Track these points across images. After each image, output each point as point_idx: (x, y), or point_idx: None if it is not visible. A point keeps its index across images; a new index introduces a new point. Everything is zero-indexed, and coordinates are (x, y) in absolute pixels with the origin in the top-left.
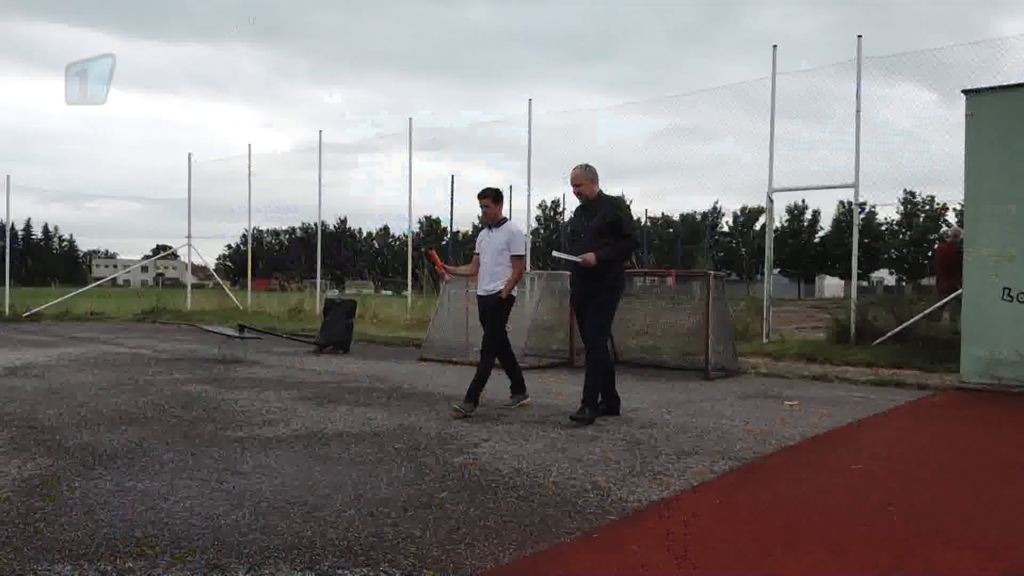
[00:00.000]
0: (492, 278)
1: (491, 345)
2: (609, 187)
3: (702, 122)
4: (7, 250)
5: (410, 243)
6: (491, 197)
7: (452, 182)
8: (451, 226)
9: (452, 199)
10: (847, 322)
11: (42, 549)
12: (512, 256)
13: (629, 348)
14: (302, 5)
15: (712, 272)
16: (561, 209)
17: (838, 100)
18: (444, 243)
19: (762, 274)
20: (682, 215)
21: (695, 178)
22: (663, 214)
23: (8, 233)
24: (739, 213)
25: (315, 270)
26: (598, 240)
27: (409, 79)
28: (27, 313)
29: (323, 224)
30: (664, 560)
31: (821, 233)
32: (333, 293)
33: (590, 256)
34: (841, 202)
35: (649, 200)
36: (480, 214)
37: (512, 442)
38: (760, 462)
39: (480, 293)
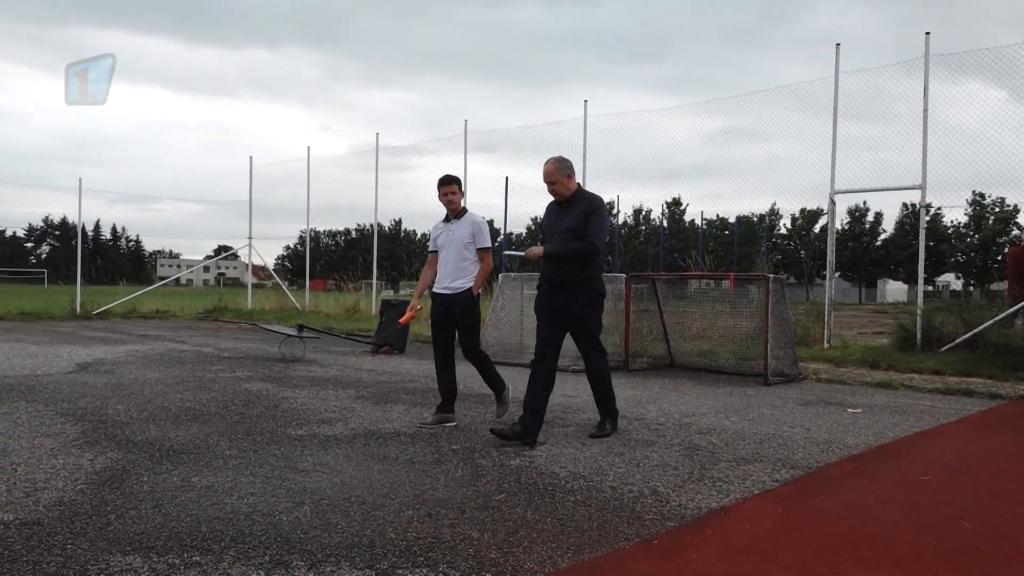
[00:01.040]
0: (457, 274)
1: (473, 344)
2: (664, 189)
3: (759, 123)
4: (79, 250)
5: None
6: (456, 184)
7: (506, 184)
8: (504, 227)
9: (506, 200)
10: (913, 328)
11: (114, 540)
12: (479, 249)
13: (685, 352)
14: (357, 10)
15: (772, 275)
16: (616, 211)
17: (902, 99)
18: (498, 244)
19: (822, 277)
20: (738, 217)
21: (751, 180)
22: (718, 216)
23: (80, 234)
24: (797, 215)
25: (371, 271)
26: (566, 240)
27: (462, 81)
28: (96, 311)
29: (379, 225)
30: (725, 569)
31: (883, 236)
32: (388, 294)
33: (537, 249)
34: (905, 204)
35: (704, 202)
36: (449, 206)
37: (569, 445)
38: (822, 471)
39: (439, 291)
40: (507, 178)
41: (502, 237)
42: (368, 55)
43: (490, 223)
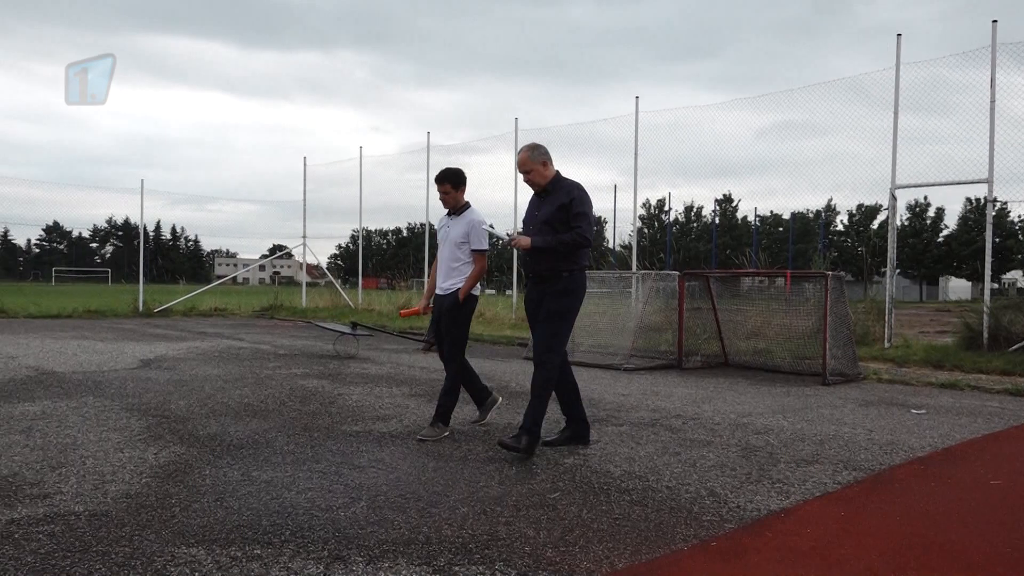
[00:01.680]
0: (449, 274)
1: (453, 354)
2: (715, 185)
3: (814, 117)
4: (141, 250)
5: None
6: (450, 182)
7: None
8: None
9: None
10: (979, 326)
11: (178, 532)
12: (473, 251)
13: (740, 351)
14: (407, 11)
15: (831, 272)
16: (667, 208)
17: (965, 90)
18: None
19: (881, 275)
20: (793, 213)
21: (806, 175)
22: (771, 212)
23: (142, 234)
24: (854, 211)
25: (422, 269)
26: (544, 231)
27: (512, 80)
28: (158, 309)
29: (429, 224)
30: (786, 573)
31: (945, 232)
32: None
33: (524, 239)
34: (968, 199)
35: (757, 198)
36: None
37: (623, 444)
38: (886, 473)
39: (437, 291)
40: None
41: None
42: (418, 56)
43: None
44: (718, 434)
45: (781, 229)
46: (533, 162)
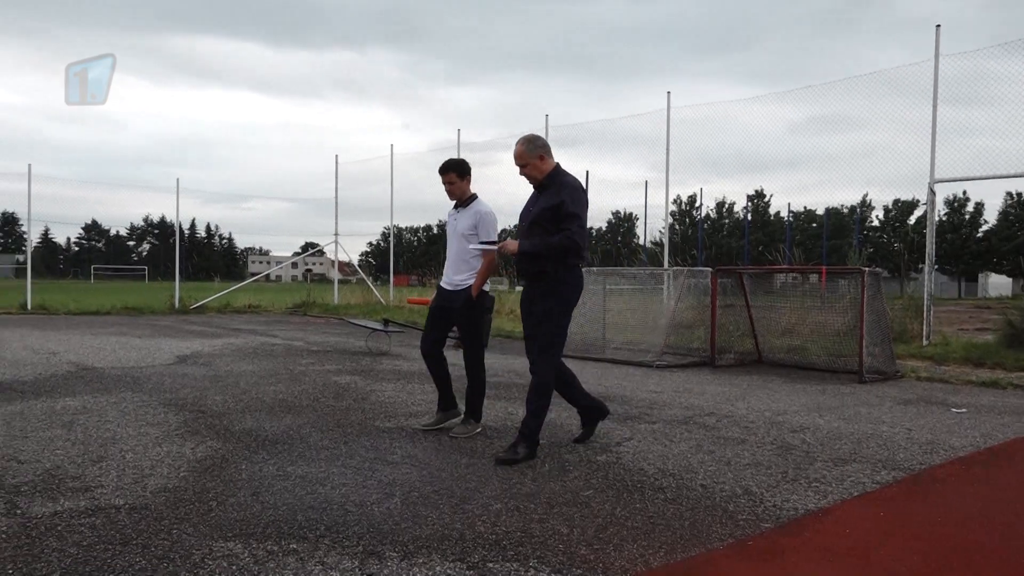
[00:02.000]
0: (458, 269)
1: (472, 359)
2: (747, 181)
3: (849, 111)
4: (177, 248)
5: None
6: (455, 171)
7: (587, 178)
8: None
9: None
10: (1021, 323)
11: (216, 526)
12: (483, 244)
13: (774, 348)
14: (438, 9)
15: (867, 268)
16: (698, 204)
17: (1007, 81)
18: None
19: (918, 271)
20: (827, 209)
21: (840, 170)
22: (805, 208)
23: (178, 232)
24: (890, 206)
25: None
26: (533, 231)
27: (542, 77)
28: (193, 306)
29: None
30: (826, 574)
31: (985, 227)
32: None
33: (511, 244)
34: (1009, 193)
35: (790, 194)
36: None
37: (656, 442)
38: (927, 473)
39: (442, 284)
40: (587, 172)
41: None
42: (448, 53)
43: None
44: (753, 432)
45: (815, 225)
46: (529, 156)
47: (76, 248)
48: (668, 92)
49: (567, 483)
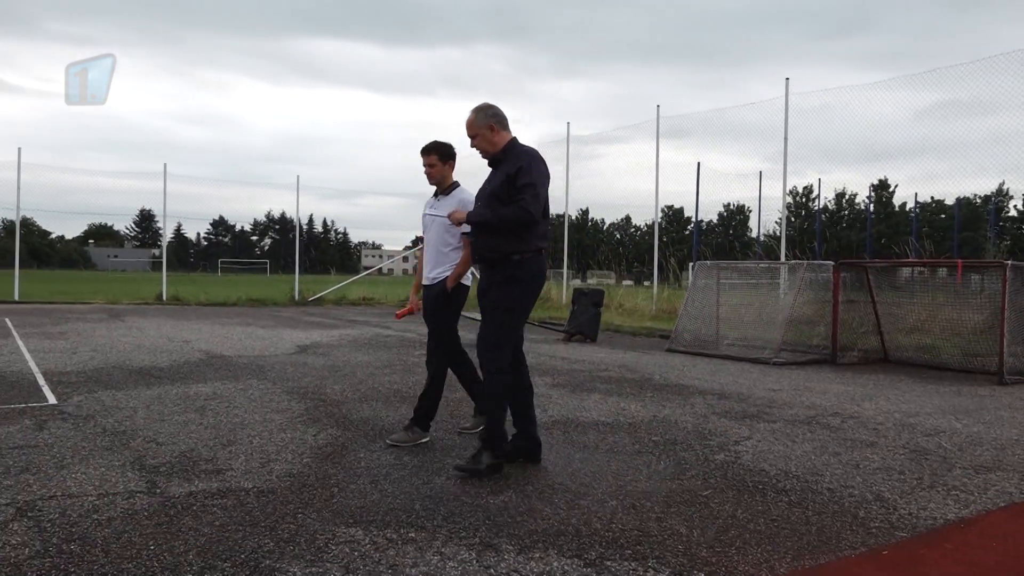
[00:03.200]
0: (437, 262)
1: (444, 352)
2: (869, 170)
3: (982, 94)
4: (297, 242)
5: (656, 232)
6: (437, 153)
7: (698, 170)
8: (696, 214)
9: (697, 187)
10: None
11: (338, 512)
12: (464, 234)
13: (901, 346)
14: (544, 3)
15: (1010, 262)
16: (814, 196)
17: None
18: (688, 232)
19: None
20: (958, 199)
21: (973, 157)
22: (932, 198)
23: (298, 227)
24: None
25: (561, 260)
26: (490, 205)
27: (651, 68)
28: (312, 298)
29: (568, 216)
30: None
31: None
32: (578, 282)
33: (459, 213)
34: None
35: (916, 184)
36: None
37: (777, 442)
38: None
39: (424, 282)
40: (699, 164)
41: (692, 225)
42: (555, 47)
43: (680, 211)
44: (882, 434)
45: (943, 216)
46: (478, 125)
47: (205, 243)
48: (787, 79)
49: (684, 482)
